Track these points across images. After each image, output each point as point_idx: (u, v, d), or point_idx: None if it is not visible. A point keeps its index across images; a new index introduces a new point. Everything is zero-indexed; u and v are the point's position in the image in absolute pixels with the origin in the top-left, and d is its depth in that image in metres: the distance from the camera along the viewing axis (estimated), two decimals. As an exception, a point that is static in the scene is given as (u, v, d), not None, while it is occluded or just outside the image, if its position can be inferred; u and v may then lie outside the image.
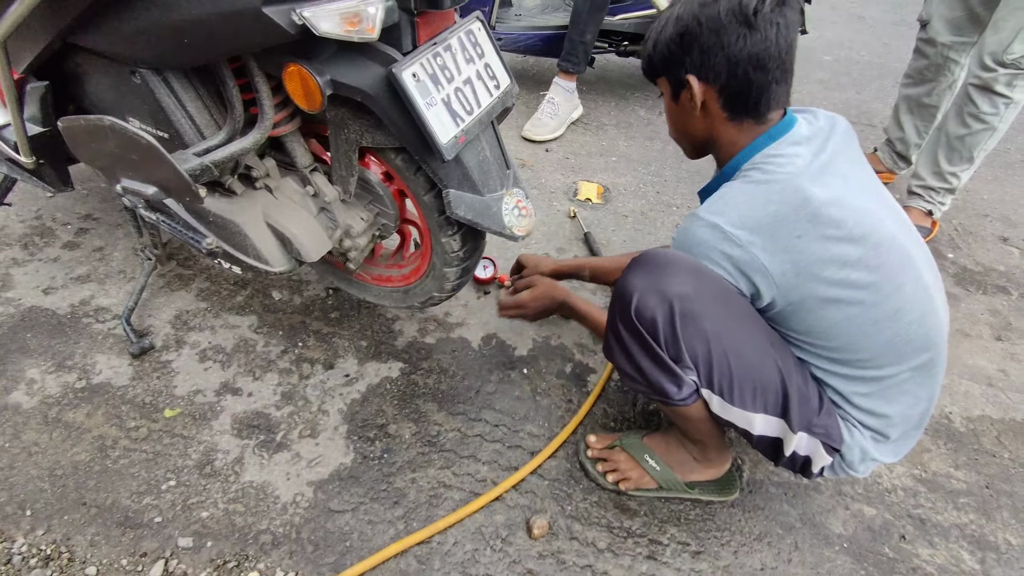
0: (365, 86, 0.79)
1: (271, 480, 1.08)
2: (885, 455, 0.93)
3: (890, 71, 2.94)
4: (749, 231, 0.77)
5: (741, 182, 0.83)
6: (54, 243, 1.53)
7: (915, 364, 0.86)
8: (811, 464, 0.91)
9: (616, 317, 0.85)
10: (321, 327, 1.38)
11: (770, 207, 0.78)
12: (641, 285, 0.81)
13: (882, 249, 0.80)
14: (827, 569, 1.02)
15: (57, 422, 1.13)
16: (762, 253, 0.77)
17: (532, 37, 2.22)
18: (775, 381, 0.84)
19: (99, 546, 0.96)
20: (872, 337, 0.83)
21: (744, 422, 0.88)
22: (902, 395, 0.88)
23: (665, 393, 0.86)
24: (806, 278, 0.79)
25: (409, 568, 0.97)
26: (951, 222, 1.94)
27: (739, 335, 0.83)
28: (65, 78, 0.95)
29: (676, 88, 0.87)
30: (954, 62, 1.71)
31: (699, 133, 0.90)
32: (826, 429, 0.88)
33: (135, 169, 0.79)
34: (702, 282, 0.80)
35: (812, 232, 0.77)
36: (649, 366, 0.84)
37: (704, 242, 0.80)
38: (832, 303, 0.81)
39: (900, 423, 0.90)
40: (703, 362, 0.83)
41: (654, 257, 0.82)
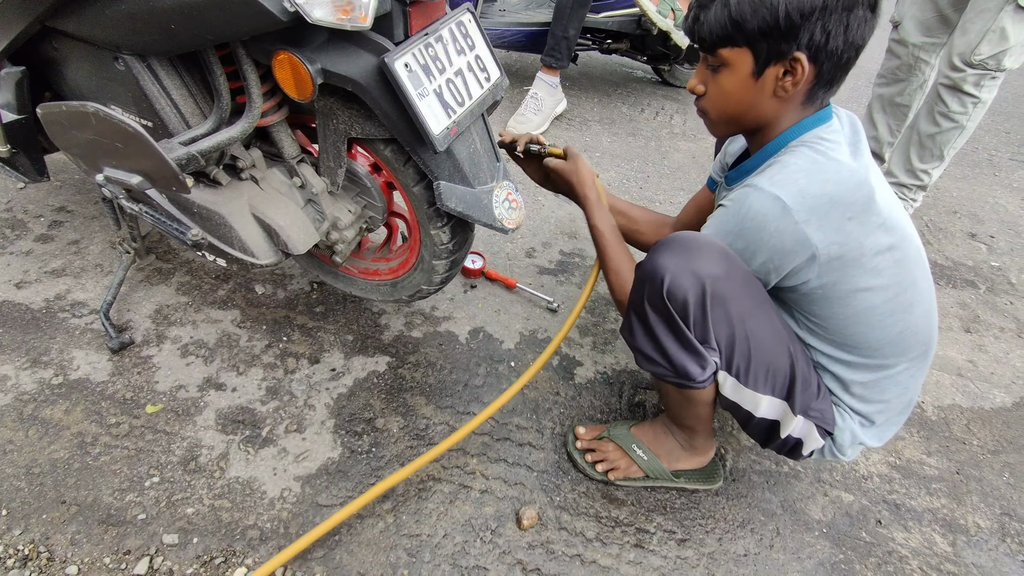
0: (356, 75, 0.78)
1: (257, 475, 1.06)
2: (871, 439, 0.96)
3: (865, 71, 3.02)
4: (807, 209, 0.76)
5: (796, 157, 0.80)
6: (26, 236, 1.48)
7: (913, 356, 0.90)
8: (802, 447, 0.93)
9: (643, 297, 0.83)
10: (306, 321, 1.37)
11: (828, 186, 0.77)
12: (673, 266, 0.78)
13: (905, 243, 0.83)
14: (807, 554, 1.05)
15: (33, 419, 1.10)
16: (815, 232, 0.76)
17: (516, 33, 2.23)
18: (785, 364, 0.86)
19: (80, 545, 0.94)
20: (887, 328, 0.85)
21: (751, 404, 0.89)
22: (895, 385, 0.91)
23: (688, 375, 0.85)
24: (848, 262, 0.79)
25: (399, 561, 0.97)
26: (922, 218, 2.01)
27: (760, 318, 0.84)
28: (42, 63, 0.92)
29: (765, 63, 0.77)
30: (925, 62, 1.76)
31: (763, 114, 0.83)
32: (821, 413, 0.90)
33: (119, 158, 0.77)
34: (731, 264, 0.80)
35: (862, 216, 0.78)
36: (675, 348, 0.83)
37: (762, 213, 0.77)
38: (862, 292, 0.82)
39: (887, 410, 0.94)
40: (726, 344, 0.83)
41: (684, 239, 0.81)
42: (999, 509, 1.15)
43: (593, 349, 1.39)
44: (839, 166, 0.78)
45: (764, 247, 0.79)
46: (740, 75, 0.80)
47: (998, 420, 1.33)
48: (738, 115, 0.85)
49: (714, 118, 0.88)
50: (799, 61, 0.76)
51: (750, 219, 0.78)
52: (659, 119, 2.48)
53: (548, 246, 1.68)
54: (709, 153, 2.28)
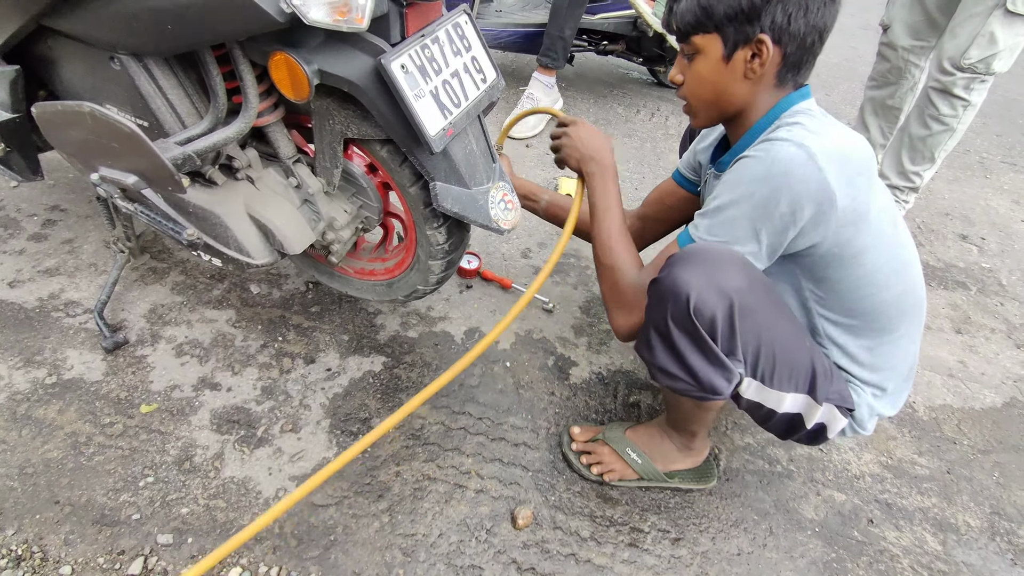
0: (353, 76, 0.79)
1: (252, 475, 1.06)
2: (885, 408, 0.97)
3: (857, 74, 3.04)
4: (827, 159, 0.78)
5: (803, 118, 0.82)
6: (19, 235, 1.47)
7: (911, 318, 0.93)
8: (826, 431, 0.93)
9: (667, 316, 0.81)
10: (301, 321, 1.37)
11: (838, 141, 0.80)
12: (697, 283, 0.77)
13: (891, 205, 0.89)
14: (800, 552, 1.06)
15: (27, 419, 1.10)
16: (835, 181, 0.78)
17: (513, 34, 2.23)
18: (806, 359, 0.87)
19: (74, 545, 0.94)
20: (891, 288, 0.88)
21: (774, 402, 0.89)
22: (898, 350, 0.94)
23: (715, 390, 0.84)
24: (859, 216, 0.81)
25: (394, 560, 0.97)
26: (914, 220, 2.03)
27: (780, 322, 0.85)
28: (37, 62, 0.92)
29: (734, 46, 0.82)
30: (914, 65, 1.78)
31: (738, 97, 0.86)
32: (839, 394, 0.91)
33: (114, 157, 0.77)
34: (752, 272, 0.80)
35: (867, 174, 0.82)
36: (701, 364, 0.82)
37: (789, 158, 0.78)
38: (870, 250, 0.84)
39: (894, 376, 0.96)
40: (752, 353, 0.82)
41: (703, 253, 0.80)
42: (989, 508, 1.16)
43: (588, 349, 1.39)
44: (840, 127, 0.84)
45: (789, 192, 0.78)
46: (712, 60, 0.84)
47: (988, 420, 1.35)
48: (714, 100, 0.88)
49: (694, 105, 0.91)
50: (764, 43, 0.80)
51: (778, 163, 0.79)
52: (654, 120, 2.49)
53: (544, 247, 1.69)
54: (704, 155, 2.29)
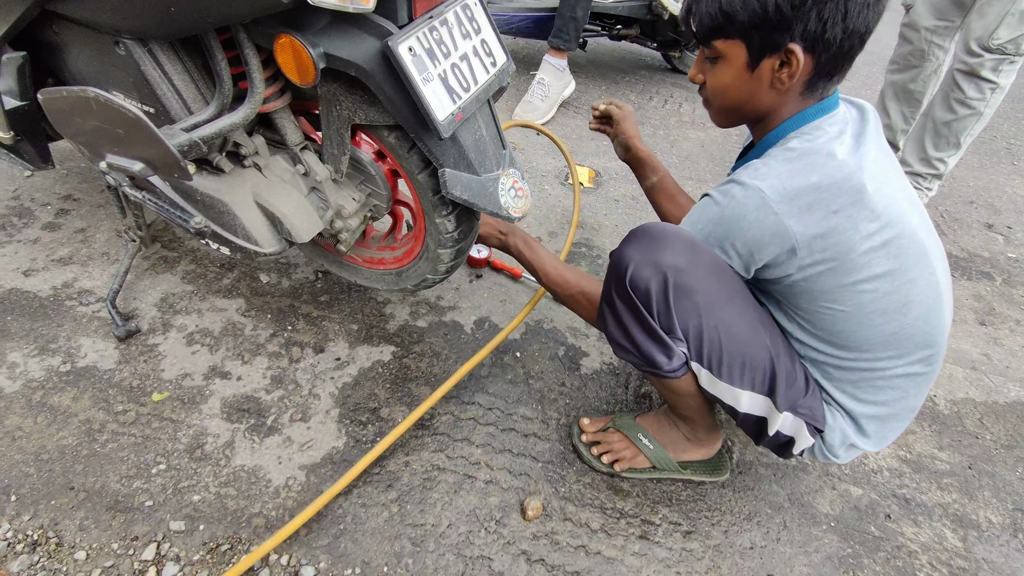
0: (359, 60, 0.77)
1: (262, 464, 1.07)
2: (866, 443, 0.93)
3: (879, 58, 2.95)
4: (787, 200, 0.74)
5: (784, 150, 0.79)
6: (33, 224, 1.49)
7: (912, 359, 0.86)
8: (792, 445, 0.93)
9: (611, 286, 0.86)
10: (311, 311, 1.36)
11: (812, 177, 0.75)
12: (636, 256, 0.81)
13: (903, 241, 0.79)
14: (815, 547, 1.04)
15: (42, 406, 1.11)
16: (795, 224, 0.75)
17: (524, 19, 2.19)
18: (763, 359, 0.85)
19: (89, 530, 0.95)
20: (877, 328, 0.82)
21: (731, 398, 0.89)
22: (891, 388, 0.89)
23: (655, 364, 0.87)
24: (834, 256, 0.77)
25: (403, 550, 0.97)
26: (937, 208, 1.97)
27: (730, 311, 0.83)
28: (43, 48, 0.91)
29: (760, 54, 0.76)
30: (938, 47, 1.71)
31: (763, 105, 0.81)
32: (811, 410, 0.89)
33: (121, 144, 0.76)
34: (697, 256, 0.80)
35: (849, 210, 0.75)
36: (641, 336, 0.86)
37: (742, 204, 0.76)
38: (848, 288, 0.79)
39: (884, 414, 0.91)
40: (694, 335, 0.83)
41: (651, 229, 0.83)
42: (1011, 504, 1.13)
43: (599, 340, 1.37)
44: (828, 159, 0.76)
45: (742, 236, 0.79)
46: (735, 67, 0.78)
47: (1012, 415, 1.31)
48: (737, 107, 0.84)
49: (715, 108, 0.87)
50: (794, 53, 0.74)
51: (730, 209, 0.78)
52: (668, 107, 2.45)
53: (555, 236, 1.67)
54: (719, 142, 2.24)
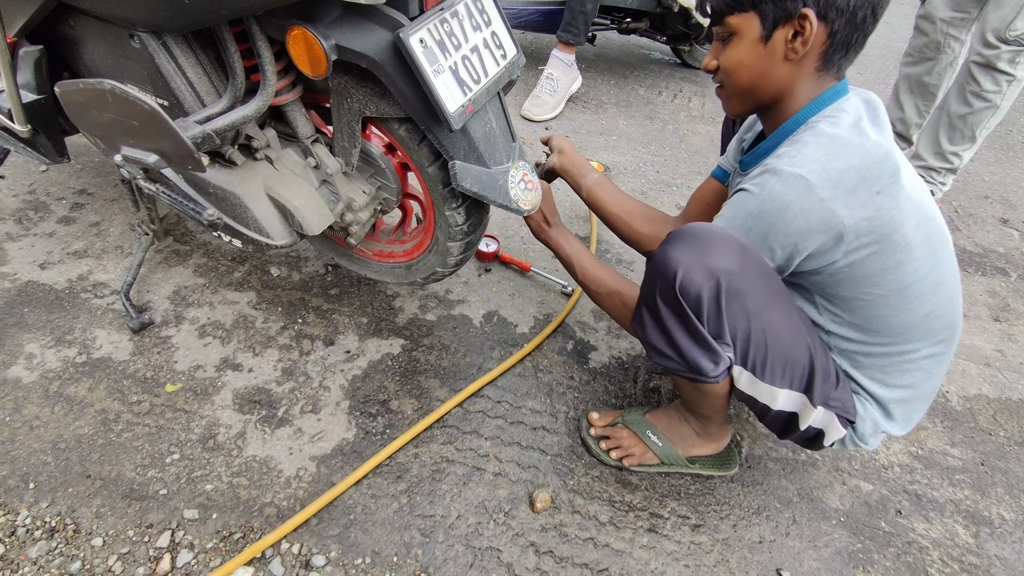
0: (371, 52, 0.77)
1: (274, 455, 1.08)
2: (894, 427, 0.93)
3: (893, 51, 2.91)
4: (832, 185, 0.73)
5: (814, 135, 0.77)
6: (49, 218, 1.51)
7: (937, 340, 0.87)
8: (822, 437, 0.91)
9: (655, 291, 0.81)
10: (321, 303, 1.37)
11: (853, 159, 0.74)
12: (685, 260, 0.76)
13: (931, 222, 0.81)
14: (824, 542, 1.04)
15: (59, 396, 1.13)
16: (842, 209, 0.73)
17: (533, 12, 2.18)
18: (803, 357, 0.83)
19: (105, 518, 0.97)
20: (912, 311, 0.82)
21: (768, 397, 0.87)
22: (918, 370, 0.89)
23: (701, 370, 0.83)
24: (879, 238, 0.76)
25: (413, 541, 0.98)
26: (951, 203, 1.95)
27: (776, 312, 0.81)
28: (59, 42, 0.92)
29: (774, 24, 0.76)
30: (954, 39, 1.69)
31: (776, 81, 0.80)
32: (842, 403, 0.88)
33: (136, 137, 0.77)
34: (747, 257, 0.77)
35: (891, 189, 0.75)
36: (687, 343, 0.81)
37: (783, 194, 0.74)
38: (891, 271, 0.79)
39: (911, 397, 0.91)
40: (742, 339, 0.80)
41: (697, 231, 0.78)
42: (1025, 501, 1.12)
43: (608, 334, 1.37)
44: (863, 139, 0.76)
45: (786, 229, 0.76)
46: (749, 41, 0.78)
47: (1026, 411, 1.30)
48: (752, 86, 0.82)
49: (730, 91, 0.85)
50: (807, 18, 0.73)
51: (771, 200, 0.75)
52: (677, 101, 2.43)
53: (563, 230, 1.66)
54: (729, 136, 2.22)
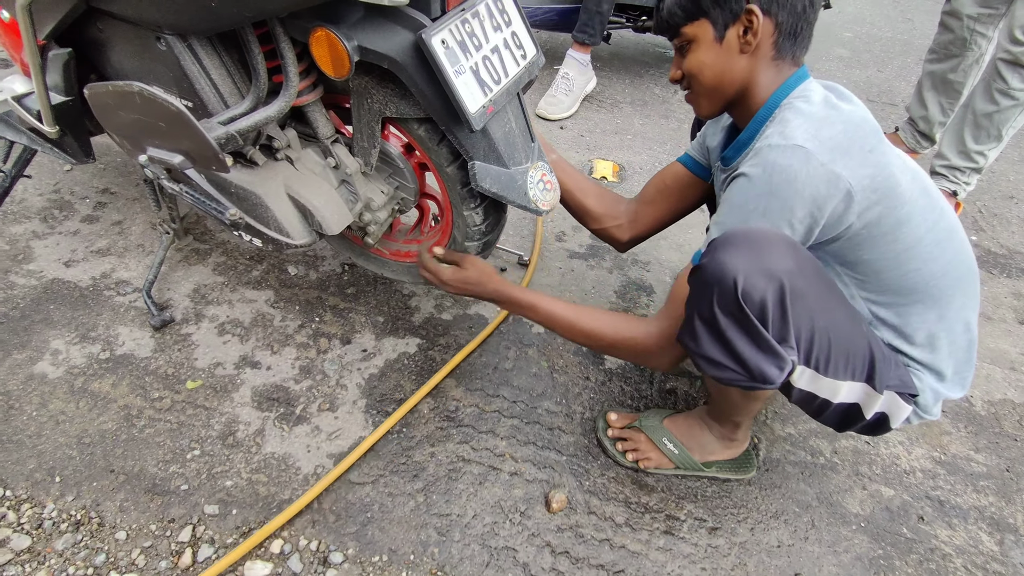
0: (393, 52, 0.77)
1: (292, 452, 1.09)
2: (952, 390, 0.92)
3: (914, 48, 2.86)
4: (828, 149, 0.76)
5: (793, 113, 0.80)
6: (73, 216, 1.54)
7: (966, 287, 0.88)
8: (888, 420, 0.89)
9: (712, 302, 0.77)
10: (337, 302, 1.38)
11: (837, 127, 0.78)
12: (744, 266, 0.73)
13: (920, 174, 0.86)
14: (844, 547, 1.03)
15: (83, 392, 1.15)
16: (843, 170, 0.76)
17: (549, 11, 2.18)
18: (863, 346, 0.82)
19: (128, 512, 0.98)
20: (937, 259, 0.84)
21: (829, 392, 0.85)
22: (957, 324, 0.88)
23: (765, 378, 0.79)
24: (884, 193, 0.79)
25: (429, 539, 0.99)
26: (975, 203, 1.91)
27: (833, 305, 0.80)
28: (86, 45, 0.94)
29: (725, 25, 0.83)
30: (980, 35, 1.66)
31: (738, 75, 0.85)
32: (900, 380, 0.87)
33: (162, 138, 0.79)
34: (800, 255, 0.76)
35: (880, 146, 0.79)
36: (751, 352, 0.77)
37: (787, 165, 0.75)
38: (904, 224, 0.81)
39: (956, 353, 0.90)
40: (806, 339, 0.78)
41: (747, 234, 0.76)
42: (1052, 509, 1.10)
43: (624, 335, 1.37)
44: (837, 110, 0.81)
45: (799, 198, 0.76)
46: (706, 44, 0.85)
47: (1053, 417, 1.27)
48: (717, 82, 0.87)
49: (698, 93, 0.91)
50: (753, 13, 0.80)
51: (778, 174, 0.77)
52: (694, 100, 2.41)
53: (578, 230, 1.66)
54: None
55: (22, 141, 1.21)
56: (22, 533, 0.94)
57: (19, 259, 1.40)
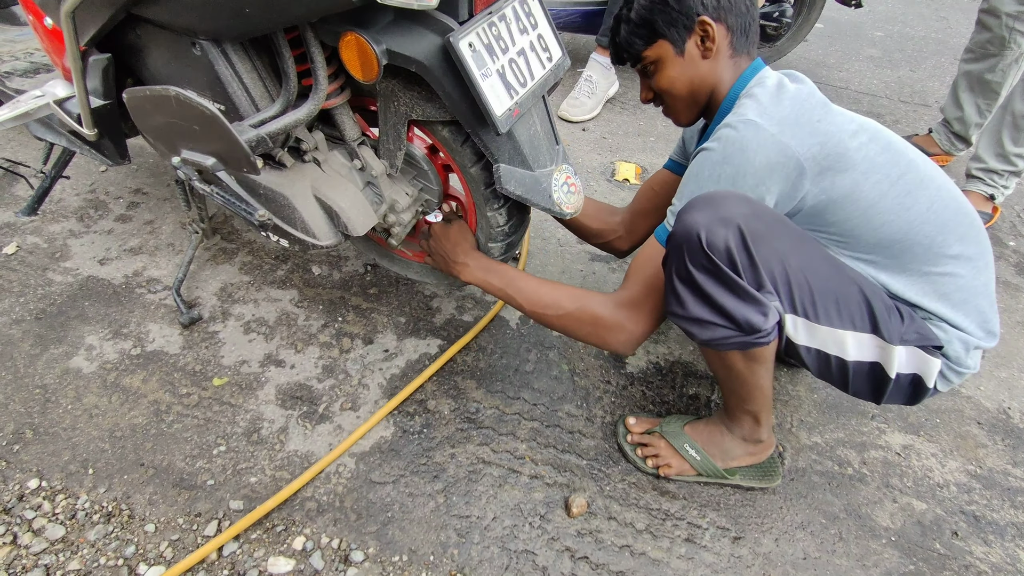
0: (420, 56, 0.78)
1: (314, 450, 1.10)
2: (981, 338, 0.90)
3: (949, 47, 2.78)
4: (777, 123, 0.83)
5: (748, 99, 0.88)
6: (107, 216, 1.58)
7: (958, 235, 0.87)
8: (923, 381, 0.87)
9: (685, 262, 0.82)
10: (360, 303, 1.40)
11: (785, 102, 0.85)
12: (704, 219, 0.79)
13: (882, 133, 0.89)
14: (873, 562, 1.00)
15: (115, 386, 1.18)
16: (791, 140, 0.82)
17: (572, 13, 2.17)
18: (854, 292, 0.83)
19: (157, 505, 1.01)
20: (911, 209, 0.85)
21: (836, 346, 0.85)
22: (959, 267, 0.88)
23: (752, 326, 0.82)
24: (836, 157, 0.84)
25: (449, 540, 0.99)
26: (1013, 208, 1.85)
27: (806, 250, 0.83)
28: (124, 50, 0.97)
29: (683, 39, 0.92)
30: (1020, 33, 1.60)
31: (706, 79, 0.94)
32: (918, 332, 0.85)
33: (196, 140, 0.80)
34: (756, 204, 0.81)
35: (828, 117, 0.86)
36: (732, 302, 0.81)
37: (739, 136, 0.83)
38: (862, 183, 0.85)
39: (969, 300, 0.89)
40: (782, 282, 0.81)
41: (705, 196, 0.82)
42: (1096, 528, 1.05)
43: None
44: (785, 90, 0.87)
45: (751, 165, 0.82)
46: (670, 60, 0.94)
47: (1097, 431, 1.21)
48: (689, 90, 0.95)
49: (673, 106, 0.99)
50: (707, 24, 0.89)
51: (731, 145, 0.83)
52: (718, 102, 2.37)
53: (600, 233, 1.65)
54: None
55: (61, 143, 1.25)
56: (56, 523, 0.97)
57: (57, 257, 1.45)
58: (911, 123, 2.29)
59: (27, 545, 0.94)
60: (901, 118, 2.32)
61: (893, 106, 2.40)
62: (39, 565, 0.92)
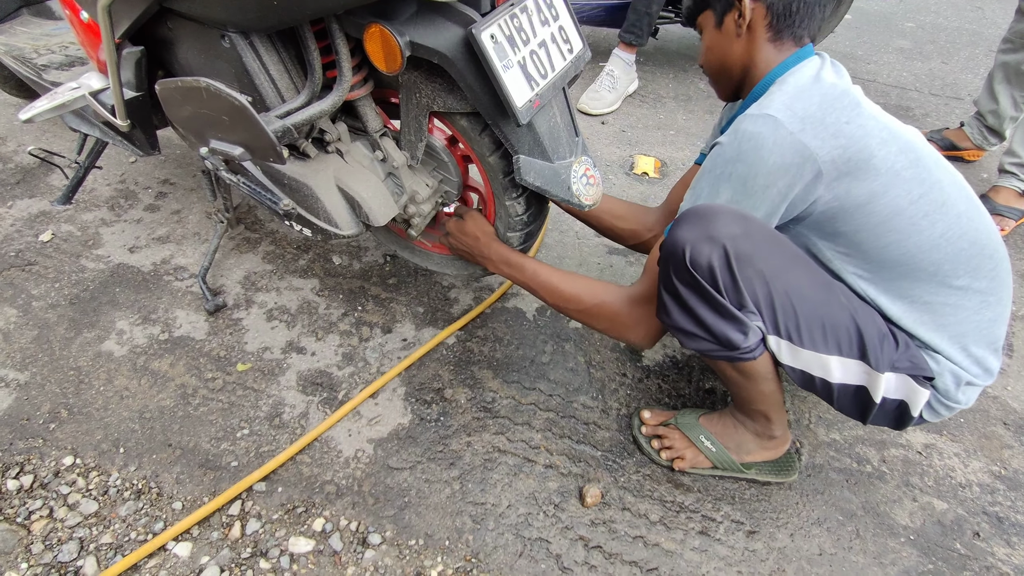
0: (443, 47, 0.79)
1: (334, 436, 1.13)
2: (976, 375, 0.87)
3: (983, 38, 2.69)
4: (799, 119, 0.79)
5: (778, 88, 0.84)
6: (137, 205, 1.63)
7: (971, 267, 0.84)
8: (909, 408, 0.86)
9: (670, 274, 0.83)
10: (379, 292, 1.42)
11: (815, 98, 0.81)
12: (691, 235, 0.79)
13: (914, 146, 0.84)
14: (891, 560, 0.99)
15: (144, 370, 1.22)
16: (812, 140, 0.78)
17: (595, 7, 2.16)
18: (843, 318, 0.81)
19: (184, 484, 1.04)
20: (923, 231, 0.82)
21: (820, 368, 0.84)
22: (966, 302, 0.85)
23: (731, 343, 0.83)
24: (857, 164, 0.80)
25: (464, 526, 1.01)
26: (1047, 206, 1.79)
27: (796, 273, 0.81)
28: (156, 43, 1.00)
29: (722, 13, 0.90)
30: None
31: (737, 56, 0.91)
32: (911, 361, 0.84)
33: (224, 130, 0.83)
34: (749, 223, 0.80)
35: (858, 119, 0.81)
36: (712, 317, 0.82)
37: (756, 132, 0.80)
38: (880, 195, 0.81)
39: (965, 334, 0.86)
40: (765, 304, 0.80)
41: (698, 210, 0.81)
42: (1125, 533, 1.03)
43: (662, 333, 1.35)
44: (820, 84, 0.83)
45: (764, 165, 0.79)
46: (710, 31, 0.93)
47: None
48: (720, 64, 0.94)
49: (709, 75, 0.99)
50: (742, 2, 0.86)
51: (746, 141, 0.80)
52: (740, 95, 2.34)
53: (618, 226, 1.65)
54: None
55: (95, 134, 1.29)
56: (90, 498, 1.01)
57: (89, 244, 1.50)
58: (942, 117, 2.22)
59: (63, 519, 0.98)
60: (931, 111, 2.26)
61: (923, 99, 2.33)
62: (73, 538, 0.96)
